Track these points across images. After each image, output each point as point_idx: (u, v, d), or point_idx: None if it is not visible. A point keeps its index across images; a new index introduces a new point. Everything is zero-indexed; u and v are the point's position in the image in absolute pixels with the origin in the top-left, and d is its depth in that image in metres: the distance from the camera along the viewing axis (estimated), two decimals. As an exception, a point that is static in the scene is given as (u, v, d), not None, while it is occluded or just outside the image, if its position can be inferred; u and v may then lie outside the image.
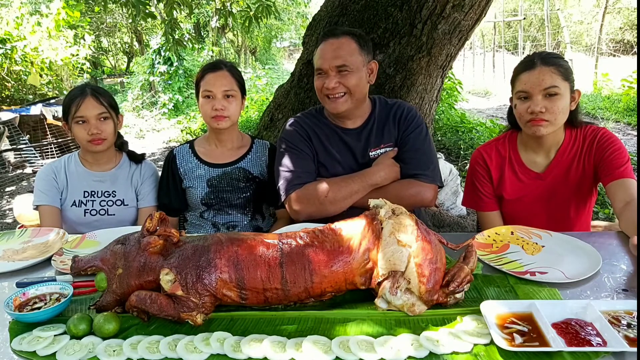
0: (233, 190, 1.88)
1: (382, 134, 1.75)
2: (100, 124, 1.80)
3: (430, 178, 1.68)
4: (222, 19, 5.47)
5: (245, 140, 1.97)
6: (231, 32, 16.96)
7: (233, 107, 1.79)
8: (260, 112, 7.46)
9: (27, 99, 8.63)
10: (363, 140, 1.74)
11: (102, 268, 1.07)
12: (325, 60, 1.63)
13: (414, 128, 1.73)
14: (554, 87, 1.53)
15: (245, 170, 1.89)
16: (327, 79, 1.64)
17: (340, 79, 1.62)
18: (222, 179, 1.87)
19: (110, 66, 23.62)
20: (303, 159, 1.72)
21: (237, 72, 1.86)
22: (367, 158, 1.73)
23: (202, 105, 1.80)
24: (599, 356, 0.85)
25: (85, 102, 1.78)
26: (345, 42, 1.63)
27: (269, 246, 1.07)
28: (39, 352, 0.94)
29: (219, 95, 1.76)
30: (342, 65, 1.61)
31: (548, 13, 12.99)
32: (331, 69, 1.62)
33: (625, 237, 1.41)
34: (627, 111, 7.96)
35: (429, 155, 1.72)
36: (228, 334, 0.98)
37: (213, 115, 1.77)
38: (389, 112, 1.77)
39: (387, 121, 1.76)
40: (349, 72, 1.62)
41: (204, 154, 1.91)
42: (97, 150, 1.84)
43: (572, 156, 1.65)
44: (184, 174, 1.89)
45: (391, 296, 1.02)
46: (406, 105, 1.80)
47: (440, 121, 6.30)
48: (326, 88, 1.64)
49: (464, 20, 2.71)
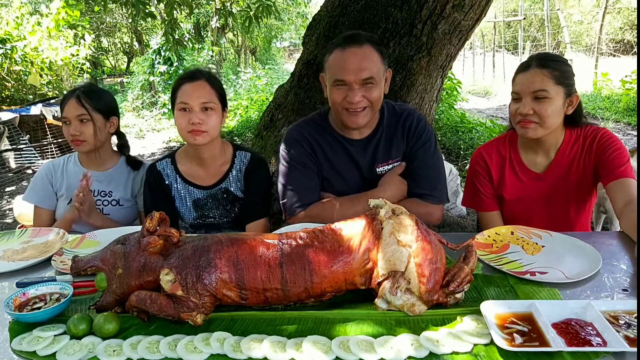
0: (220, 215, 1.81)
1: (390, 148, 1.66)
2: (80, 125, 1.82)
3: (437, 199, 1.63)
4: (222, 19, 5.47)
5: (227, 154, 1.80)
6: (231, 32, 16.97)
7: (212, 121, 1.63)
8: (260, 112, 7.46)
9: (27, 99, 8.62)
10: (370, 154, 1.66)
11: (102, 268, 1.07)
12: (349, 72, 1.48)
13: (423, 142, 1.65)
14: (542, 90, 1.53)
15: (228, 191, 1.78)
16: (350, 92, 1.50)
17: (365, 92, 1.50)
18: (207, 200, 1.79)
19: (110, 66, 23.61)
20: (307, 175, 1.65)
21: (217, 83, 1.71)
22: (374, 174, 1.66)
23: (177, 118, 1.65)
24: (599, 356, 0.85)
25: (69, 103, 1.83)
26: (369, 52, 1.50)
27: (269, 246, 1.07)
28: (39, 352, 0.94)
29: (197, 107, 1.61)
30: (369, 77, 1.49)
31: (548, 13, 12.99)
32: (356, 82, 1.49)
33: (625, 237, 1.41)
34: (627, 111, 7.96)
35: (437, 172, 1.66)
36: (228, 334, 0.98)
37: (189, 130, 1.61)
38: (398, 121, 1.68)
39: (396, 133, 1.67)
40: (374, 84, 1.51)
41: (187, 173, 1.78)
42: (79, 150, 1.88)
43: (572, 156, 1.65)
44: (171, 188, 1.79)
45: (391, 296, 1.01)
46: (416, 115, 1.70)
47: (440, 121, 6.31)
48: (349, 102, 1.51)
49: (464, 20, 2.71)
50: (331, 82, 1.56)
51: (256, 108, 8.64)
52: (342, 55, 1.51)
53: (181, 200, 1.79)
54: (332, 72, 1.54)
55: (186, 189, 1.78)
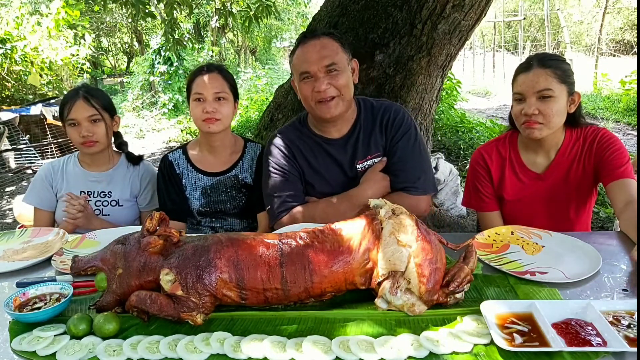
0: (227, 200, 1.85)
1: (369, 144, 1.66)
2: (91, 126, 1.80)
3: (421, 190, 1.61)
4: (222, 19, 5.47)
5: (239, 145, 1.91)
6: (231, 32, 16.97)
7: (225, 109, 1.74)
8: (260, 112, 7.46)
9: (27, 99, 8.62)
10: (349, 151, 1.66)
11: (102, 268, 1.07)
12: (311, 63, 1.53)
13: (402, 134, 1.64)
14: (547, 89, 1.53)
15: (237, 178, 1.86)
16: (316, 82, 1.53)
17: (330, 80, 1.53)
18: (216, 187, 1.85)
19: (110, 66, 23.63)
20: (289, 180, 1.66)
21: (229, 75, 1.81)
22: (355, 171, 1.66)
23: (192, 108, 1.75)
24: (599, 356, 0.85)
25: (76, 105, 1.79)
26: (327, 41, 1.55)
27: (269, 246, 1.07)
28: (39, 352, 0.94)
29: (210, 97, 1.71)
30: (331, 64, 1.52)
31: (548, 13, 12.99)
32: (320, 70, 1.52)
33: (625, 237, 1.41)
34: (627, 111, 7.96)
35: (419, 163, 1.64)
36: (228, 334, 0.98)
37: (204, 118, 1.71)
38: (375, 117, 1.68)
39: (374, 128, 1.67)
40: (338, 71, 1.53)
41: (197, 161, 1.87)
42: (91, 152, 1.86)
43: (572, 157, 1.65)
44: (183, 179, 1.86)
45: (391, 296, 1.02)
46: (393, 108, 1.69)
47: (440, 121, 6.30)
48: (317, 92, 1.54)
49: (464, 20, 2.72)
50: (299, 79, 1.60)
51: (256, 108, 8.64)
52: (302, 49, 1.57)
53: (191, 186, 1.85)
54: (297, 68, 1.59)
55: (196, 176, 1.86)
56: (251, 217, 1.91)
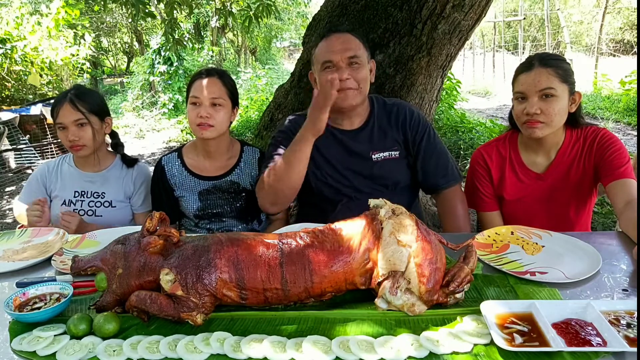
0: (224, 204, 1.85)
1: (385, 138, 1.72)
2: (78, 130, 1.79)
3: (453, 179, 1.74)
4: (222, 18, 5.47)
5: (235, 150, 1.89)
6: (231, 32, 16.95)
7: (220, 116, 1.71)
8: (260, 112, 7.46)
9: (27, 99, 8.62)
10: (364, 141, 1.71)
11: (102, 268, 1.07)
12: (335, 52, 1.59)
13: (421, 135, 1.72)
14: (549, 88, 1.53)
15: (235, 183, 1.84)
16: (338, 71, 1.58)
17: (352, 72, 1.59)
18: (212, 192, 1.84)
19: (110, 66, 23.62)
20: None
21: (230, 81, 1.78)
22: (371, 161, 1.70)
23: (188, 111, 1.74)
24: (599, 356, 0.85)
25: (63, 109, 1.79)
26: (351, 37, 1.63)
27: (269, 246, 1.07)
28: (39, 352, 0.94)
29: (206, 102, 1.69)
30: (354, 56, 1.59)
31: (548, 13, 12.98)
32: (342, 60, 1.59)
33: (625, 237, 1.41)
34: (627, 111, 7.95)
35: (444, 155, 1.76)
36: (228, 334, 0.98)
37: (198, 123, 1.70)
38: (390, 113, 1.74)
39: (389, 124, 1.73)
40: (359, 64, 1.60)
41: (193, 165, 1.85)
42: (79, 155, 1.86)
43: (572, 157, 1.65)
44: (174, 185, 1.85)
45: (391, 296, 1.01)
46: (407, 107, 1.77)
47: (440, 121, 6.30)
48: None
49: (464, 20, 2.71)
50: (320, 69, 1.64)
51: (256, 108, 8.64)
52: (326, 41, 1.64)
53: (186, 191, 1.84)
54: (319, 59, 1.64)
55: (192, 180, 1.84)
56: (252, 218, 1.91)
